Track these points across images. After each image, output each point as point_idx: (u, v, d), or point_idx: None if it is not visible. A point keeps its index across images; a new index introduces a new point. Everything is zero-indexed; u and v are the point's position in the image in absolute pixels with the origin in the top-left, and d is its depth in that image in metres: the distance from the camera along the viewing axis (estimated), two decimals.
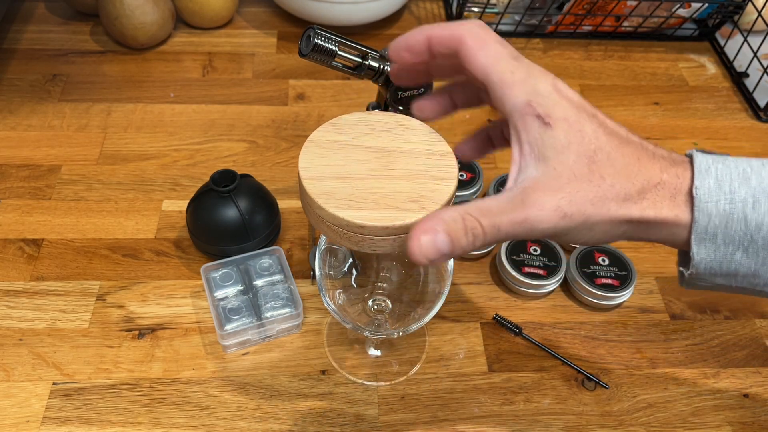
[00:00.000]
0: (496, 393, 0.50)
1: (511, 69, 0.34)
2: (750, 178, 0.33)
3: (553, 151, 0.33)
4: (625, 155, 0.33)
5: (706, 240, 0.34)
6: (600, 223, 0.33)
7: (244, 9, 0.84)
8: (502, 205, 0.33)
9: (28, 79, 0.73)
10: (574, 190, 0.33)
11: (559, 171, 0.33)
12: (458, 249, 0.32)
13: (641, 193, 0.33)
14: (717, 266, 0.34)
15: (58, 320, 0.52)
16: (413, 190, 0.36)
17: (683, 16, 0.82)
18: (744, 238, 0.33)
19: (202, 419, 0.47)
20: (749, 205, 0.33)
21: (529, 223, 0.33)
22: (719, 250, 0.34)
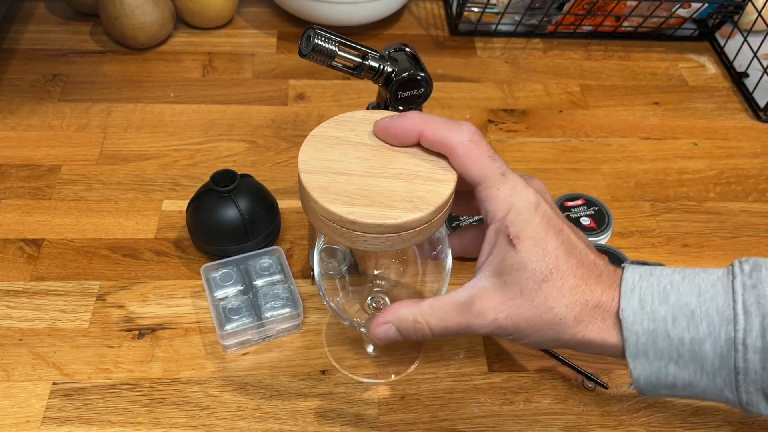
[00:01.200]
0: (496, 393, 0.50)
1: (497, 186, 0.37)
2: (669, 296, 0.36)
3: (510, 269, 0.37)
4: (576, 277, 0.37)
5: (639, 356, 0.36)
6: (533, 336, 0.38)
7: (244, 9, 0.84)
8: (451, 309, 0.38)
9: (28, 79, 0.73)
10: (515, 307, 0.37)
11: (508, 286, 0.37)
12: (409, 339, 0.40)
13: (577, 319, 0.37)
14: (655, 379, 0.37)
15: (58, 320, 0.52)
16: (409, 190, 0.36)
17: (683, 16, 0.82)
18: (672, 352, 0.36)
19: (202, 419, 0.47)
20: (669, 322, 0.35)
21: (471, 328, 0.38)
22: (653, 365, 0.36)
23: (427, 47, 0.81)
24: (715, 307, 0.35)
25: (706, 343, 0.35)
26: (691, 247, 0.62)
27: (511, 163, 0.68)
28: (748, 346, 0.34)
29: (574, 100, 0.76)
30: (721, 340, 0.35)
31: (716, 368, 0.35)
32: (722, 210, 0.65)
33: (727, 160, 0.71)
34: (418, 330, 0.39)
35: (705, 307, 0.35)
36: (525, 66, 0.80)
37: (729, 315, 0.34)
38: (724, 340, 0.35)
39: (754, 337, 0.34)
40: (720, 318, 0.35)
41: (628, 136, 0.73)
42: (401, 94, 0.53)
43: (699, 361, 0.36)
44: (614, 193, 0.66)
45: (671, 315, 0.35)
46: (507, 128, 0.72)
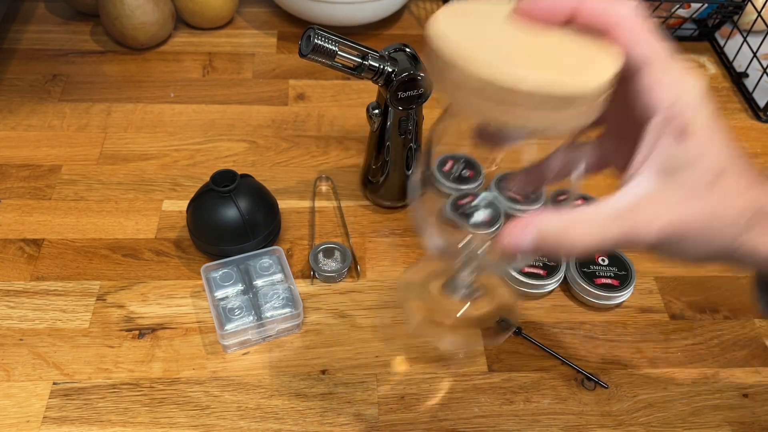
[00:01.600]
0: (496, 393, 0.50)
1: (665, 70, 0.32)
2: None
3: (681, 165, 0.31)
4: (747, 179, 0.32)
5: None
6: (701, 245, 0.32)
7: (244, 9, 0.84)
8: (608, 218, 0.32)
9: (29, 79, 0.73)
10: (688, 208, 0.31)
11: (676, 184, 0.31)
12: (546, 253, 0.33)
13: (749, 224, 0.32)
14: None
15: (58, 320, 0.52)
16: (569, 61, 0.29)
17: (683, 17, 0.82)
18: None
19: (202, 419, 0.48)
20: None
21: (632, 240, 0.31)
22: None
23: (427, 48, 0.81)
24: None
25: None
26: None
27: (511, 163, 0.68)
28: None
29: None
30: None
31: None
32: None
33: None
34: (563, 242, 0.32)
35: None
36: None
37: None
38: None
39: None
40: None
41: None
42: (401, 94, 0.53)
43: None
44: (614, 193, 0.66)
45: None
46: None
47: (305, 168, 0.66)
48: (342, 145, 0.68)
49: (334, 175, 0.65)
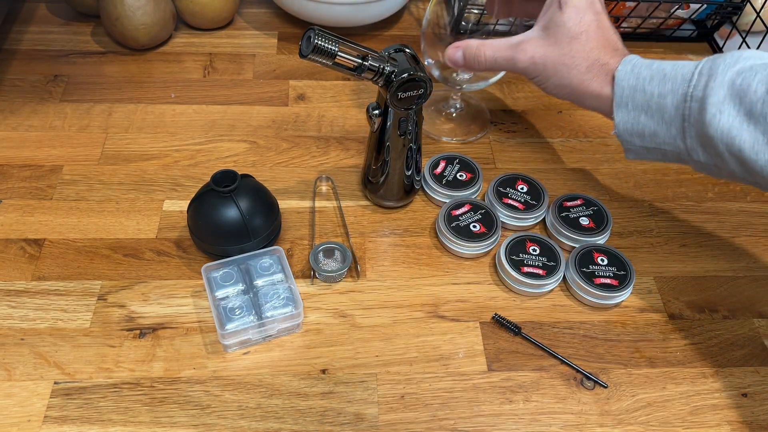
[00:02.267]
0: (496, 392, 0.51)
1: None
2: (653, 64, 0.48)
3: (553, 25, 0.51)
4: (598, 43, 0.50)
5: (621, 106, 0.49)
6: (554, 77, 0.52)
7: (245, 10, 0.85)
8: (504, 45, 0.53)
9: (30, 79, 0.73)
10: (548, 50, 0.51)
11: (548, 36, 0.51)
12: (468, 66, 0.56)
13: (588, 69, 0.50)
14: (630, 127, 0.49)
15: (59, 320, 0.53)
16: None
17: (682, 17, 0.82)
18: (644, 104, 0.48)
19: (202, 418, 0.48)
20: (647, 81, 0.47)
21: (512, 62, 0.53)
22: (630, 114, 0.49)
23: None
24: (681, 73, 0.46)
25: (668, 97, 0.47)
26: (689, 246, 0.62)
27: (510, 163, 0.69)
28: (693, 96, 0.45)
29: None
30: (678, 95, 0.46)
31: (672, 118, 0.47)
32: (720, 210, 0.66)
33: None
34: (476, 57, 0.54)
35: (675, 72, 0.47)
36: None
37: (688, 77, 0.46)
38: (680, 95, 0.46)
39: (698, 90, 0.45)
40: (682, 79, 0.46)
41: None
42: (401, 94, 0.53)
43: (661, 111, 0.47)
44: (613, 193, 0.67)
45: (650, 76, 0.47)
46: (506, 129, 0.72)
47: (305, 168, 0.66)
48: (342, 145, 0.69)
49: (334, 175, 0.65)
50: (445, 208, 0.60)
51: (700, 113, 0.45)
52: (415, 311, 0.55)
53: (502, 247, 0.58)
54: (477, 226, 0.59)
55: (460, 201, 0.61)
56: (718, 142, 0.45)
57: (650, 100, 0.47)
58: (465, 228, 0.59)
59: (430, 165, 0.64)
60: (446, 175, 0.64)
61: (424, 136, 0.69)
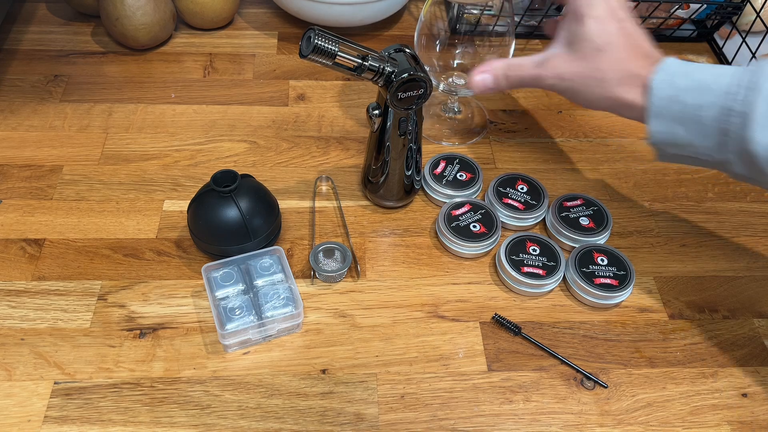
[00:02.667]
0: (496, 392, 0.51)
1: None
2: (693, 74, 0.46)
3: (576, 39, 0.50)
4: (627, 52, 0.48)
5: (657, 116, 0.47)
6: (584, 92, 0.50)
7: (245, 10, 0.85)
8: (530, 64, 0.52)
9: (30, 79, 0.73)
10: (575, 66, 0.50)
11: (573, 51, 0.50)
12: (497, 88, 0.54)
13: (619, 81, 0.48)
14: (665, 137, 0.47)
15: (59, 320, 0.53)
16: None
17: (682, 17, 0.82)
18: (681, 115, 0.46)
19: (203, 418, 0.48)
20: (685, 91, 0.45)
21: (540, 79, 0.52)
22: (665, 125, 0.47)
23: None
24: (721, 84, 0.44)
25: (708, 109, 0.44)
26: (689, 247, 0.62)
27: (510, 163, 0.69)
28: (734, 111, 0.43)
29: None
30: (716, 107, 0.44)
31: (710, 130, 0.45)
32: (720, 210, 0.66)
33: None
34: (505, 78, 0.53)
35: (715, 82, 0.44)
36: None
37: (728, 89, 0.44)
38: (719, 107, 0.44)
39: (739, 103, 0.43)
40: (721, 90, 0.44)
41: (627, 136, 0.73)
42: (401, 94, 0.53)
43: (699, 123, 0.45)
44: (613, 193, 0.67)
45: (688, 86, 0.45)
46: (506, 128, 0.72)
47: (305, 168, 0.66)
48: (342, 145, 0.69)
49: (335, 175, 0.65)
50: (445, 209, 0.60)
51: (742, 129, 0.43)
52: (415, 311, 0.55)
53: (502, 247, 0.58)
54: (477, 226, 0.59)
55: (460, 201, 0.61)
56: (760, 159, 0.43)
57: (688, 111, 0.45)
58: (465, 228, 0.59)
59: (430, 165, 0.64)
60: (446, 175, 0.64)
61: (424, 138, 0.70)
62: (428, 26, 0.65)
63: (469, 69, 0.67)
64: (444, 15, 0.66)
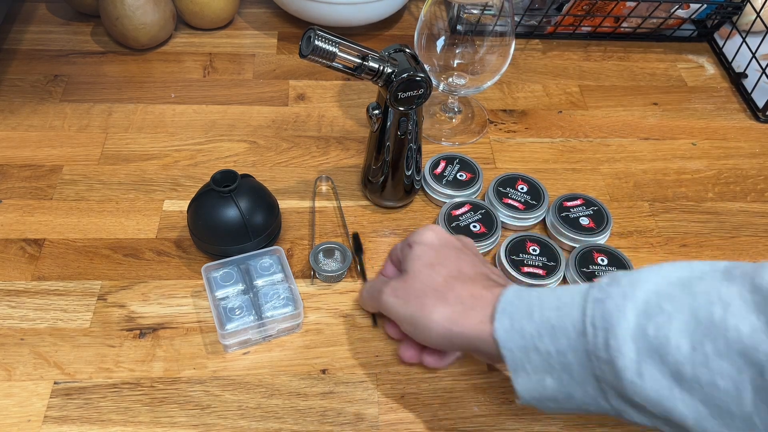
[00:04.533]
0: (496, 392, 0.51)
1: None
2: (533, 313, 0.39)
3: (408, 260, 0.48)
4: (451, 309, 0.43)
5: (519, 371, 0.40)
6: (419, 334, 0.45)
7: (245, 10, 0.85)
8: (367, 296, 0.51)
9: (30, 79, 0.73)
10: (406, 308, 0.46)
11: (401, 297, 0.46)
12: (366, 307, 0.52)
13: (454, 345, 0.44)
14: (537, 393, 0.40)
15: (59, 320, 0.53)
16: None
17: (682, 17, 0.82)
18: (544, 365, 0.38)
19: (203, 418, 0.48)
20: (536, 337, 0.38)
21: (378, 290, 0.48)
22: (532, 378, 0.39)
23: None
24: (570, 322, 0.37)
25: (569, 354, 0.37)
26: (689, 246, 0.62)
27: (510, 163, 0.69)
28: (599, 357, 0.36)
29: (574, 100, 0.77)
30: (579, 351, 0.37)
31: (583, 377, 0.37)
32: (721, 210, 0.66)
33: (725, 161, 0.71)
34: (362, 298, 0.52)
35: (562, 322, 0.38)
36: (524, 67, 0.80)
37: (581, 328, 0.37)
38: (582, 351, 0.37)
39: (600, 350, 0.36)
40: (575, 331, 0.37)
41: (627, 136, 0.73)
42: (401, 94, 0.53)
43: (568, 371, 0.38)
44: (613, 193, 0.67)
45: (536, 330, 0.38)
46: (506, 128, 0.72)
47: (305, 168, 0.66)
48: (342, 145, 0.69)
49: (334, 175, 0.65)
50: (445, 209, 0.60)
51: (615, 378, 0.36)
52: None
53: (502, 247, 0.58)
54: (477, 226, 0.59)
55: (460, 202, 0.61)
56: (652, 408, 0.35)
57: (549, 359, 0.38)
58: (465, 228, 0.59)
59: (431, 165, 0.64)
60: (446, 175, 0.64)
61: (424, 138, 0.70)
62: (428, 26, 0.65)
63: (470, 69, 0.67)
64: (444, 15, 0.66)
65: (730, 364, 0.32)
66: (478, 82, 0.66)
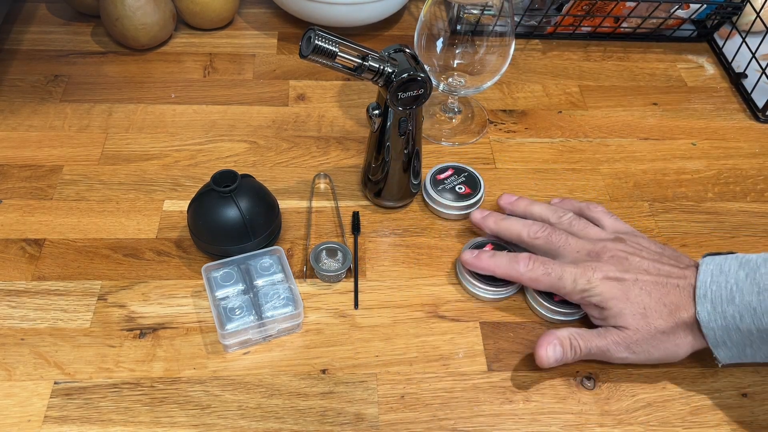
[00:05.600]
0: (496, 392, 0.51)
1: None
2: (735, 297, 0.45)
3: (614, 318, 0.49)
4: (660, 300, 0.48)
5: (719, 346, 0.47)
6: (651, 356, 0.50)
7: (245, 10, 0.85)
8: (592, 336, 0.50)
9: (30, 79, 0.73)
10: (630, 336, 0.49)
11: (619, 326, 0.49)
12: (565, 359, 0.50)
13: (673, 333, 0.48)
14: (737, 358, 0.48)
15: (59, 320, 0.53)
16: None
17: (682, 17, 0.82)
18: (745, 340, 0.46)
19: (203, 418, 0.48)
20: (737, 319, 0.45)
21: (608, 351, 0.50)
22: (732, 350, 0.47)
23: None
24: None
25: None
26: (689, 247, 0.62)
27: (510, 163, 0.69)
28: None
29: (573, 100, 0.77)
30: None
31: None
32: (720, 210, 0.66)
33: (725, 161, 0.71)
34: (573, 347, 0.50)
35: (764, 305, 0.44)
36: (524, 67, 0.81)
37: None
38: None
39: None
40: None
41: (627, 136, 0.73)
42: (401, 94, 0.53)
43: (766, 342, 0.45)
44: (613, 193, 0.67)
45: (738, 313, 0.45)
46: (506, 129, 0.72)
47: (305, 168, 0.66)
48: (342, 145, 0.69)
49: (334, 175, 0.65)
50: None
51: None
52: (415, 311, 0.55)
53: None
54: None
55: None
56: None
57: (749, 336, 0.45)
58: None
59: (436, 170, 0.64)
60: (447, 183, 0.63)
61: (424, 138, 0.70)
62: (428, 26, 0.65)
63: (469, 69, 0.67)
64: (444, 15, 0.66)
65: None
66: (478, 82, 0.66)
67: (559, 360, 0.49)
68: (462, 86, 0.67)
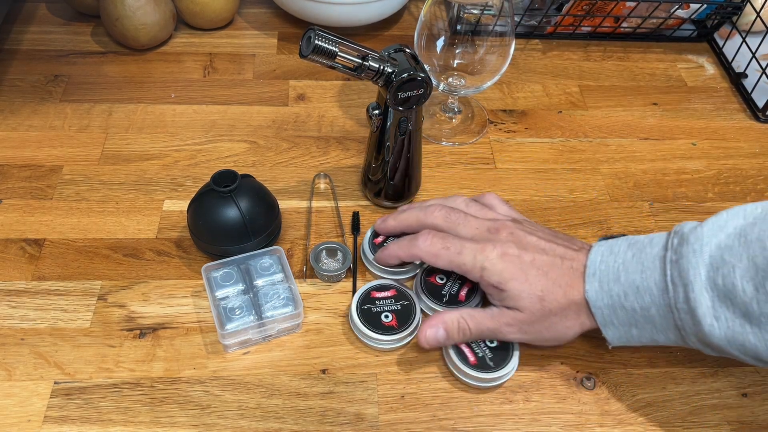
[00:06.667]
0: (496, 392, 0.51)
1: None
2: (620, 276, 0.46)
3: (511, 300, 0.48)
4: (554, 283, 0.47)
5: (607, 325, 0.47)
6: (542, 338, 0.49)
7: (245, 10, 0.85)
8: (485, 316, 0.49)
9: (30, 79, 0.73)
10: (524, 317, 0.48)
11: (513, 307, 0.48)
12: (451, 341, 0.50)
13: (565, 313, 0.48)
14: (624, 339, 0.47)
15: (59, 320, 0.53)
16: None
17: (682, 17, 0.82)
18: (630, 319, 0.46)
19: (203, 418, 0.48)
20: (622, 297, 0.45)
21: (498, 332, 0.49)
22: (620, 330, 0.47)
23: None
24: (653, 281, 0.44)
25: (652, 309, 0.45)
26: None
27: (510, 163, 0.69)
28: (679, 309, 0.43)
29: (573, 100, 0.77)
30: (661, 306, 0.44)
31: (666, 327, 0.45)
32: (720, 210, 0.65)
33: (725, 161, 0.71)
34: (461, 329, 0.49)
35: (646, 283, 0.45)
36: (524, 67, 0.81)
37: (663, 286, 0.44)
38: (664, 306, 0.44)
39: (681, 303, 0.43)
40: (657, 289, 0.44)
41: (627, 136, 0.73)
42: (401, 94, 0.53)
43: (651, 323, 0.45)
44: (613, 193, 0.67)
45: (623, 291, 0.45)
46: (506, 129, 0.72)
47: (305, 168, 0.66)
48: (342, 145, 0.69)
49: (334, 175, 0.65)
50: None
51: (695, 325, 0.43)
52: None
53: None
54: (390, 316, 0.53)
55: None
56: (726, 347, 0.43)
57: (634, 315, 0.45)
58: None
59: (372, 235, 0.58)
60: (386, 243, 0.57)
61: (424, 137, 0.69)
62: (428, 26, 0.65)
63: (469, 69, 0.67)
64: (444, 15, 0.66)
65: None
66: (478, 82, 0.66)
67: (441, 342, 0.49)
68: (462, 86, 0.67)
